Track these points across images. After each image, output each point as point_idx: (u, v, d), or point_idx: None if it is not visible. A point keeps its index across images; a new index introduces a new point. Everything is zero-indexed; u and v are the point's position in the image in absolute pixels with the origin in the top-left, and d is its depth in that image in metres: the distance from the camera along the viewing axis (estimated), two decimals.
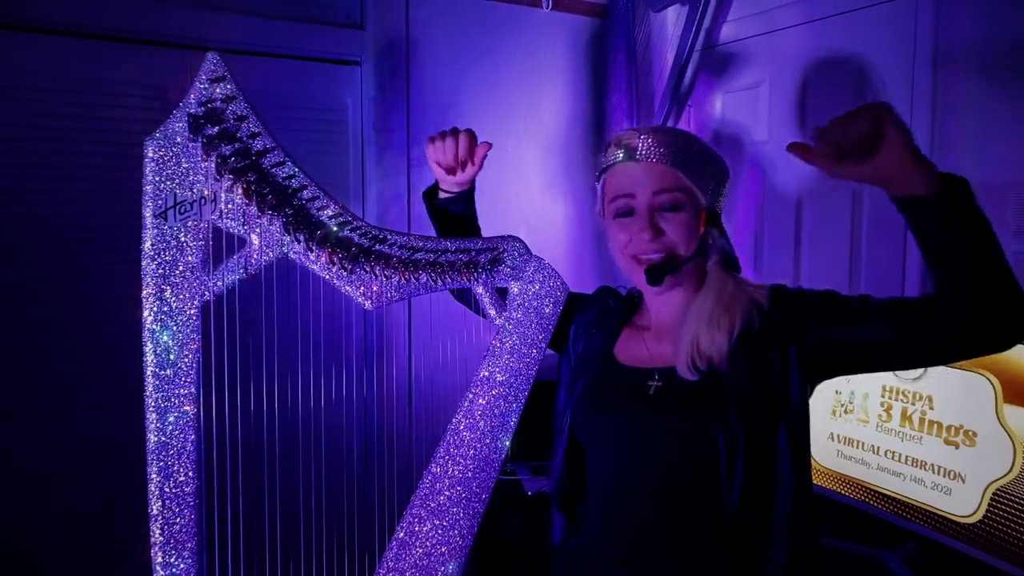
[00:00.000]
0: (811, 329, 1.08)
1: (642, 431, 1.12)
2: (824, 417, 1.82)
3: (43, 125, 1.92)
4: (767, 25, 2.31)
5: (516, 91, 2.53)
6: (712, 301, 1.12)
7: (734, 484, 1.04)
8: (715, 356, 1.08)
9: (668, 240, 1.11)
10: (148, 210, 1.03)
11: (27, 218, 1.91)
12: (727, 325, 1.09)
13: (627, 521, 1.13)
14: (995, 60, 1.74)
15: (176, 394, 1.04)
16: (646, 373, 1.14)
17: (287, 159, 1.08)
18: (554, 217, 2.63)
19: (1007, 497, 1.46)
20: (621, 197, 1.14)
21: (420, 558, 1.15)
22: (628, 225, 1.14)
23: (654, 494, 1.10)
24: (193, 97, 1.03)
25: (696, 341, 1.09)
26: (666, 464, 1.11)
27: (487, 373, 1.22)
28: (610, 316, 1.26)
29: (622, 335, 1.22)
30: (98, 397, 1.98)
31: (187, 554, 1.04)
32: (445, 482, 1.17)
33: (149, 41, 2.01)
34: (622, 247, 1.15)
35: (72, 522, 1.96)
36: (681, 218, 1.12)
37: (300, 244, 1.09)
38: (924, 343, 1.01)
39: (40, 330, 1.94)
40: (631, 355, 1.19)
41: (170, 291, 1.03)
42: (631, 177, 1.13)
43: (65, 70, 1.93)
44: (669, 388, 1.12)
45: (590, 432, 1.18)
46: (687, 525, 1.09)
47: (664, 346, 1.16)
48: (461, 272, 1.20)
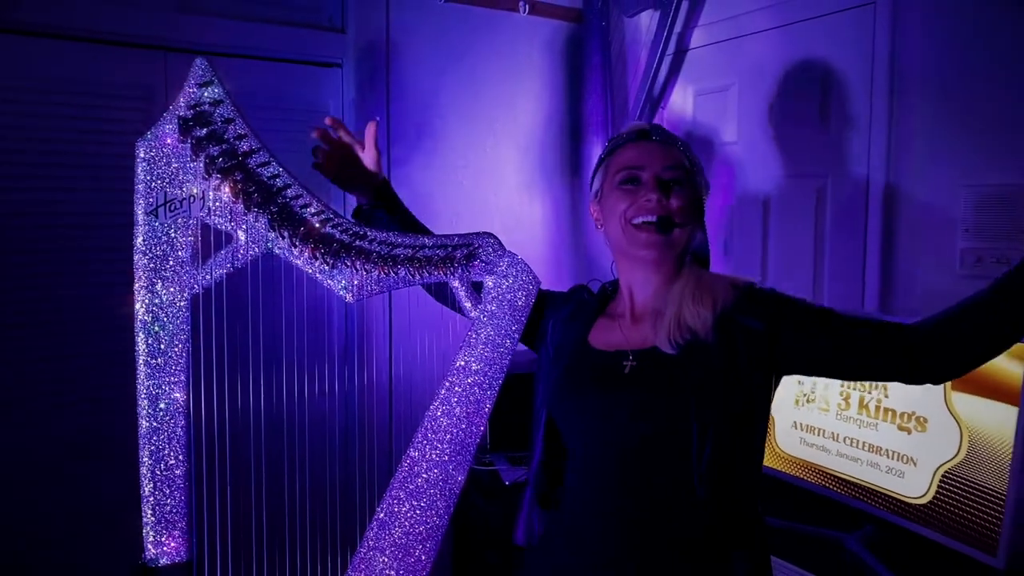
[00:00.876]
0: (792, 329, 1.14)
1: (617, 408, 1.17)
2: (788, 406, 1.91)
3: (29, 126, 1.96)
4: (736, 30, 2.39)
5: (494, 93, 2.60)
6: (695, 281, 1.19)
7: (703, 458, 1.09)
8: (700, 328, 1.13)
9: (671, 205, 1.18)
10: (140, 208, 1.09)
11: (12, 216, 1.96)
12: (710, 300, 1.15)
13: (602, 498, 1.17)
14: (948, 64, 1.83)
15: (167, 382, 1.10)
16: (621, 355, 1.20)
17: (272, 159, 1.14)
18: (531, 216, 2.70)
19: (954, 479, 1.55)
20: (628, 169, 1.21)
21: (399, 537, 1.21)
22: (633, 191, 1.20)
23: (626, 469, 1.15)
24: (182, 100, 1.09)
25: (679, 314, 1.15)
26: (640, 439, 1.15)
27: (463, 363, 1.28)
28: (584, 308, 1.31)
29: (597, 325, 1.27)
30: (88, 392, 2.03)
31: (177, 533, 1.10)
32: (423, 465, 1.23)
33: (135, 44, 2.06)
34: (622, 213, 1.20)
35: (62, 518, 2.01)
36: (684, 191, 1.20)
37: (284, 240, 1.15)
38: (892, 369, 1.12)
39: (29, 327, 1.98)
40: (606, 341, 1.24)
41: (161, 284, 1.09)
42: (642, 152, 1.22)
43: (51, 71, 1.98)
44: (643, 366, 1.17)
45: (567, 416, 1.23)
46: (659, 499, 1.13)
47: (640, 329, 1.21)
48: (438, 267, 1.26)
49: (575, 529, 1.21)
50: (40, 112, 1.98)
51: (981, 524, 1.49)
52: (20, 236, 1.96)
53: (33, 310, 1.99)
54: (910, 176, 1.92)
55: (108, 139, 2.01)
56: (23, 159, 1.95)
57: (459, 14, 2.50)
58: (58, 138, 2.00)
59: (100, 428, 2.02)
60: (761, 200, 2.33)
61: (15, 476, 1.95)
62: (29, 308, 1.98)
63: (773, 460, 1.94)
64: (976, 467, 1.51)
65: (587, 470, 1.21)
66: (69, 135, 2.00)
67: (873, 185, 1.99)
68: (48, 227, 1.99)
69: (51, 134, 1.99)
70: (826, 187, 2.15)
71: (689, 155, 1.24)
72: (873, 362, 1.12)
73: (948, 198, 1.83)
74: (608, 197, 1.25)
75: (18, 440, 1.96)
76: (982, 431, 1.50)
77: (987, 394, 1.49)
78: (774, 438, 1.94)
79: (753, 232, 2.37)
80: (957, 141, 1.81)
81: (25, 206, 1.96)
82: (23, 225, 1.96)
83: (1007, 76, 1.71)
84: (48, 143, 1.98)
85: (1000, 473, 1.46)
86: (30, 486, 1.97)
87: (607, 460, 1.18)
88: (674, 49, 2.59)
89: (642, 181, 1.20)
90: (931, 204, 1.87)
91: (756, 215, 2.35)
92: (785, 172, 2.26)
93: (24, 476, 1.96)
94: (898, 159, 1.94)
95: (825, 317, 1.16)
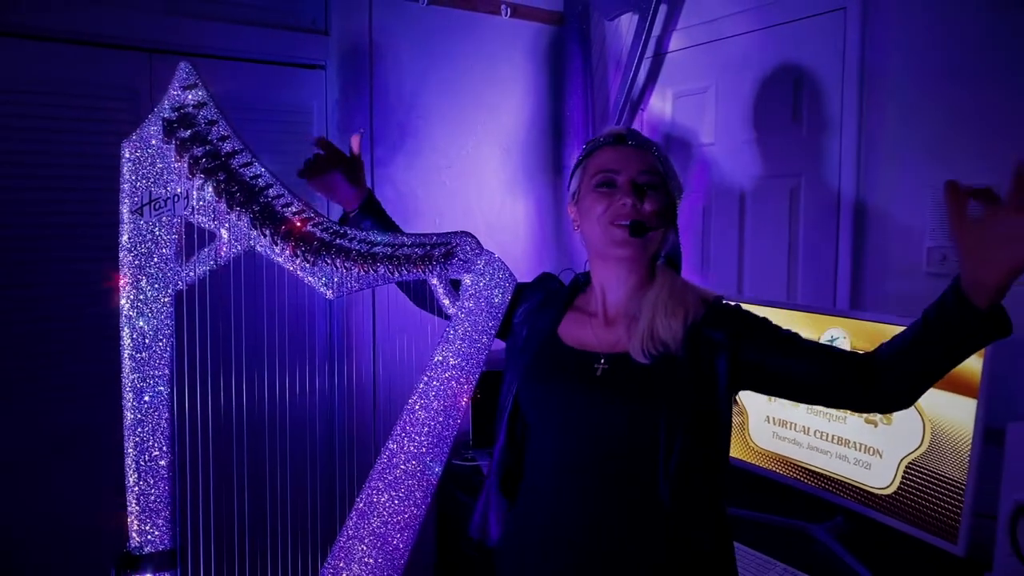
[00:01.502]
0: (760, 348, 1.19)
1: (586, 407, 1.20)
2: (761, 401, 1.96)
3: (16, 126, 1.98)
4: (713, 34, 2.44)
5: (476, 95, 2.64)
6: (668, 290, 1.23)
7: (671, 466, 1.13)
8: (671, 342, 1.17)
9: (645, 209, 1.22)
10: (125, 206, 1.12)
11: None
12: (682, 313, 1.19)
13: (562, 496, 1.21)
14: (915, 67, 1.88)
15: (151, 375, 1.14)
16: (592, 356, 1.23)
17: (254, 160, 1.18)
18: (513, 215, 2.74)
19: (917, 469, 1.60)
20: (604, 172, 1.25)
21: (378, 526, 1.25)
22: (609, 194, 1.23)
23: (590, 470, 1.19)
24: (167, 103, 1.13)
25: (652, 326, 1.18)
26: (606, 441, 1.19)
27: (441, 358, 1.32)
28: (554, 299, 1.35)
29: (566, 317, 1.31)
30: (65, 391, 2.06)
31: (161, 522, 1.14)
32: (401, 456, 1.27)
33: (121, 45, 2.08)
34: (598, 216, 1.24)
35: (48, 509, 2.04)
36: (658, 196, 1.24)
37: (266, 238, 1.19)
38: (845, 397, 1.17)
39: (13, 325, 2.01)
40: (577, 338, 1.27)
41: (146, 281, 1.13)
42: (618, 156, 1.25)
43: (37, 73, 2.00)
44: (616, 371, 1.20)
45: (535, 404, 1.26)
46: (620, 505, 1.17)
47: (613, 332, 1.24)
48: (417, 264, 1.30)
49: (533, 528, 1.24)
50: (28, 113, 2.00)
51: (942, 513, 1.54)
52: (4, 235, 1.99)
53: (17, 308, 2.01)
54: (879, 176, 1.98)
55: (93, 139, 2.04)
56: (8, 159, 1.98)
57: (441, 17, 2.54)
58: (44, 139, 2.02)
59: (87, 423, 2.05)
60: (737, 200, 2.38)
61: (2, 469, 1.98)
62: (13, 307, 2.01)
63: (747, 454, 2.00)
64: (938, 458, 1.56)
65: (550, 465, 1.24)
66: (54, 135, 2.03)
67: (844, 185, 2.05)
68: (34, 226, 2.02)
69: (37, 135, 2.01)
70: (800, 187, 2.20)
71: (663, 160, 1.27)
72: (827, 386, 1.17)
73: (915, 198, 1.88)
74: (585, 199, 1.27)
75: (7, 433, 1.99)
76: (943, 424, 1.56)
77: (948, 388, 1.54)
78: (748, 432, 1.99)
79: (730, 231, 2.42)
80: (924, 142, 1.87)
81: (10, 205, 1.99)
82: (9, 224, 1.99)
83: (972, 79, 1.76)
84: (34, 143, 2.01)
85: (960, 464, 1.52)
86: (17, 479, 2.00)
87: (571, 456, 1.21)
88: (653, 52, 2.64)
89: (618, 184, 1.23)
90: (899, 203, 1.93)
91: (733, 215, 2.40)
92: (760, 173, 2.32)
93: (10, 469, 1.99)
94: (868, 160, 2.00)
95: (787, 339, 1.20)
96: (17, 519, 2.00)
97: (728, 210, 2.42)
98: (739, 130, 2.37)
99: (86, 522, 1.94)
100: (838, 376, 1.15)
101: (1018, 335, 1.65)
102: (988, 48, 1.73)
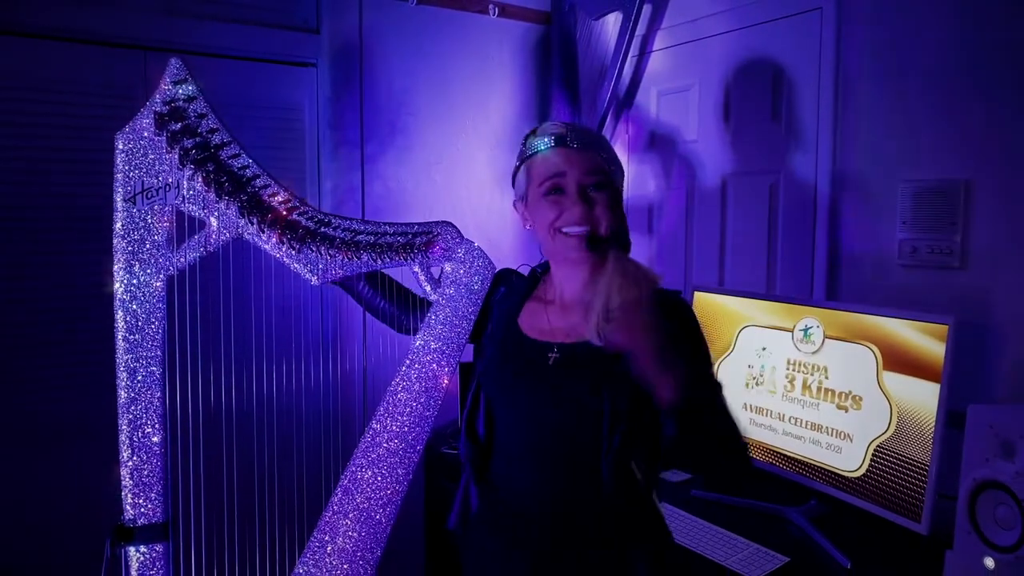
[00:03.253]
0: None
1: (540, 398, 1.26)
2: (739, 389, 2.01)
3: (17, 122, 2.04)
4: (696, 33, 2.50)
5: (465, 92, 2.70)
6: (619, 274, 1.27)
7: (611, 449, 1.19)
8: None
9: (595, 214, 1.25)
10: (119, 195, 1.18)
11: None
12: (635, 294, 1.24)
13: (521, 476, 1.27)
14: (887, 65, 1.94)
15: (144, 356, 1.19)
16: (547, 346, 1.29)
17: (242, 152, 1.24)
18: (501, 210, 2.80)
19: (885, 452, 1.66)
20: (552, 178, 1.26)
21: (361, 502, 1.31)
22: (559, 201, 1.25)
23: (543, 452, 1.25)
24: (159, 97, 1.19)
25: (606, 308, 1.22)
26: (556, 426, 1.25)
27: (422, 342, 1.38)
28: (513, 291, 1.40)
29: (526, 308, 1.36)
30: (70, 375, 2.12)
31: (154, 495, 1.19)
32: (384, 436, 1.33)
33: (117, 44, 2.14)
34: (550, 223, 1.27)
35: (45, 485, 2.10)
36: (606, 197, 1.27)
37: (253, 226, 1.25)
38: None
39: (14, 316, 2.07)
40: (534, 327, 1.33)
41: (139, 266, 1.19)
42: (561, 160, 1.26)
43: (34, 71, 2.06)
44: (565, 360, 1.26)
45: (495, 399, 1.32)
46: (568, 488, 1.24)
47: (568, 318, 1.29)
48: (399, 252, 1.36)
49: (497, 513, 1.30)
50: (26, 109, 2.05)
51: (907, 494, 1.60)
52: (4, 227, 2.04)
53: (15, 300, 2.07)
54: (853, 172, 2.04)
55: (89, 135, 2.09)
56: (6, 155, 2.03)
57: (430, 16, 2.60)
58: (43, 135, 2.07)
59: (82, 408, 2.11)
60: (719, 195, 2.44)
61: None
62: (11, 299, 2.06)
63: None
64: (904, 441, 1.62)
65: (510, 446, 1.31)
66: (52, 131, 2.08)
67: (820, 180, 2.11)
68: (32, 219, 2.08)
69: (37, 131, 2.07)
70: (778, 182, 2.26)
71: (606, 154, 1.29)
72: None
73: (888, 192, 1.94)
74: (535, 206, 1.30)
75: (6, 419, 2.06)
76: (909, 407, 1.61)
77: (914, 373, 1.60)
78: None
79: (712, 225, 2.48)
80: (895, 139, 1.92)
81: (8, 199, 2.04)
82: (9, 217, 2.04)
83: (942, 79, 1.82)
84: (33, 139, 2.06)
85: (924, 446, 1.58)
86: (16, 461, 2.06)
87: (527, 440, 1.28)
88: (638, 51, 2.70)
89: (566, 191, 1.26)
90: (872, 198, 1.99)
91: (714, 209, 2.46)
92: (741, 168, 2.38)
93: (10, 452, 2.06)
94: (843, 156, 2.06)
95: (700, 378, 1.20)
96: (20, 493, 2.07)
97: (710, 205, 2.48)
98: (720, 127, 2.43)
99: (83, 495, 2.01)
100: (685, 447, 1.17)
101: (979, 322, 1.72)
102: (957, 48, 1.79)
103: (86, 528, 1.68)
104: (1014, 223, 1.70)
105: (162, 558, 1.20)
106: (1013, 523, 1.32)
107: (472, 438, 1.33)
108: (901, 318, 1.64)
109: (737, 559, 1.64)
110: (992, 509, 1.36)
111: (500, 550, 1.29)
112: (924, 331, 1.60)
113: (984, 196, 1.75)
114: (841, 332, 1.76)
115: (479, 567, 1.36)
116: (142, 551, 1.18)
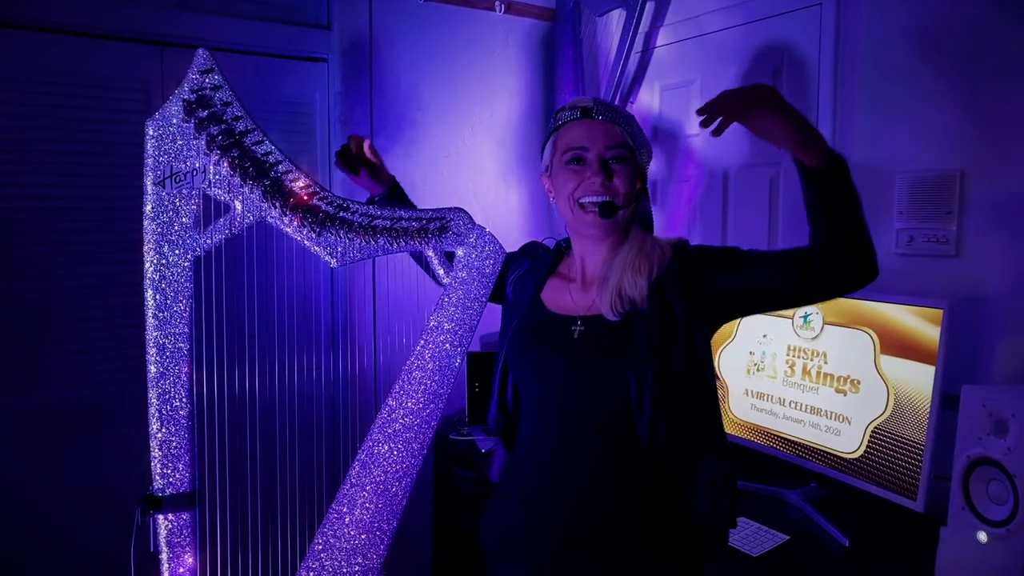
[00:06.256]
0: (714, 276, 1.27)
1: (566, 369, 1.31)
2: (741, 376, 2.07)
3: (30, 114, 2.09)
4: (698, 29, 2.55)
5: (472, 87, 2.76)
6: (635, 251, 1.32)
7: (644, 416, 1.22)
8: (637, 297, 1.27)
9: (614, 186, 1.30)
10: (149, 179, 1.23)
11: (14, 200, 2.09)
12: (646, 270, 1.29)
13: (548, 447, 1.32)
14: (885, 59, 2.00)
15: (172, 333, 1.25)
16: (570, 320, 1.34)
17: (265, 139, 1.29)
18: (507, 204, 2.86)
19: (882, 434, 1.71)
20: (574, 149, 1.31)
21: (378, 475, 1.36)
22: (579, 171, 1.30)
23: (572, 424, 1.30)
24: (186, 85, 1.25)
25: (620, 286, 1.28)
26: (584, 397, 1.29)
27: (436, 323, 1.43)
28: (538, 265, 1.46)
29: (549, 283, 1.42)
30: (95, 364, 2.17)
31: (182, 466, 1.25)
32: (399, 412, 1.38)
33: (134, 39, 2.19)
34: (570, 193, 1.32)
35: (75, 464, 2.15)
36: (626, 170, 1.31)
37: (276, 210, 1.30)
38: (806, 282, 1.24)
39: (32, 312, 2.12)
40: (557, 303, 1.38)
41: (167, 247, 1.24)
42: (585, 132, 1.31)
43: (52, 65, 2.11)
44: (589, 332, 1.31)
45: (521, 370, 1.38)
46: (600, 452, 1.27)
47: (588, 295, 1.34)
48: (414, 237, 1.41)
49: (522, 482, 1.36)
50: (42, 102, 2.10)
51: (904, 473, 1.65)
52: (24, 218, 2.10)
53: (32, 287, 2.12)
54: (852, 164, 2.07)
55: (106, 128, 2.14)
56: (24, 146, 2.08)
57: (438, 13, 2.66)
58: (58, 127, 2.12)
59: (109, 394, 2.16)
60: (721, 189, 2.50)
61: (30, 434, 2.11)
62: (29, 286, 2.12)
63: (727, 426, 2.10)
64: (900, 422, 1.68)
65: (538, 420, 1.36)
66: (69, 124, 2.13)
67: None
68: (48, 209, 2.13)
69: (52, 123, 2.11)
70: (779, 175, 2.31)
71: (631, 130, 1.34)
72: (783, 284, 1.24)
73: (885, 182, 1.99)
74: (557, 175, 1.37)
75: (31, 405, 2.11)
76: (906, 389, 1.67)
77: (910, 356, 1.66)
78: (728, 405, 2.11)
79: (713, 219, 2.53)
80: (893, 130, 1.98)
81: (26, 190, 2.09)
82: (26, 207, 2.10)
83: (939, 70, 1.87)
84: (48, 131, 2.11)
85: (920, 426, 1.63)
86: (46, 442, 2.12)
87: (555, 413, 1.32)
88: (641, 47, 2.75)
89: (587, 161, 1.31)
90: (870, 188, 2.03)
91: (716, 203, 2.51)
92: (742, 162, 2.43)
93: (40, 434, 2.12)
94: (842, 149, 2.06)
95: (740, 258, 1.28)
96: (51, 470, 2.13)
97: (712, 198, 2.53)
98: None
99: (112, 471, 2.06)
100: (789, 267, 1.23)
101: (973, 307, 1.77)
102: (954, 39, 1.84)
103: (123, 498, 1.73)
104: (1006, 212, 1.75)
105: (189, 526, 1.25)
106: (1005, 498, 1.37)
107: (502, 409, 1.39)
108: (898, 303, 1.70)
109: (738, 538, 1.69)
110: (985, 485, 1.41)
111: (524, 519, 1.34)
112: (920, 316, 1.65)
113: (978, 186, 1.80)
114: (840, 318, 1.82)
115: (502, 537, 1.40)
116: (170, 519, 1.24)
